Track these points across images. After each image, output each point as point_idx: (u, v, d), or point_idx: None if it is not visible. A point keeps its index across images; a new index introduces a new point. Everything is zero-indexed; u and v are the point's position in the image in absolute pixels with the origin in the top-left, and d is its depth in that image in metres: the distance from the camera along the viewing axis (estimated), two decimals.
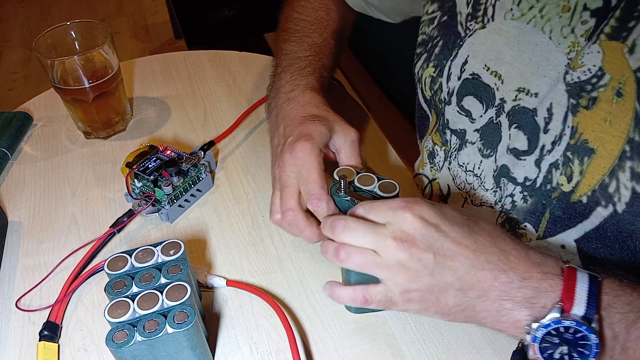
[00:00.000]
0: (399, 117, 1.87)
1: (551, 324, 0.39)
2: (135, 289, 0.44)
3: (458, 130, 0.58)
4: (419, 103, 0.65)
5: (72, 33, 0.72)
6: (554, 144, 0.48)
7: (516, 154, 0.51)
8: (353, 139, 0.54)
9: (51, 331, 0.50)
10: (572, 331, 0.39)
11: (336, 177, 0.50)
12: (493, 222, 0.44)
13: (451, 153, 0.60)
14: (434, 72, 0.59)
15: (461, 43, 0.55)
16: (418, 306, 0.42)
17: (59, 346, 0.50)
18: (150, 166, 0.61)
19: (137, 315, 0.41)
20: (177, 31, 2.50)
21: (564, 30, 0.47)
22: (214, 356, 0.49)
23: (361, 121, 0.74)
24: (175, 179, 0.60)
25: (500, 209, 0.55)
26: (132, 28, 2.65)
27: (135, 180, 0.61)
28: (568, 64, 0.47)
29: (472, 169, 0.57)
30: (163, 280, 0.44)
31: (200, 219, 0.62)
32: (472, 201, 0.58)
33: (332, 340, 0.49)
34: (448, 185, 0.61)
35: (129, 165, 0.62)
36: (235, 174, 0.67)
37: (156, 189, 0.59)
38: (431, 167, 0.64)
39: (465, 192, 0.59)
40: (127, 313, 0.41)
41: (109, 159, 0.70)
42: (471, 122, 0.56)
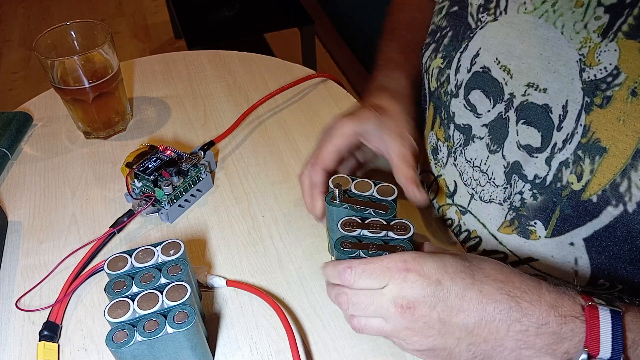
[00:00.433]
0: None
1: None
2: (135, 289, 0.44)
3: (462, 126, 0.57)
4: (424, 95, 0.64)
5: (72, 33, 0.72)
6: (565, 142, 0.48)
7: (529, 150, 0.51)
8: (402, 145, 0.55)
9: (51, 331, 0.50)
10: None
11: (331, 186, 0.50)
12: (499, 262, 0.42)
13: (455, 149, 0.59)
14: (441, 63, 0.58)
15: (472, 35, 0.55)
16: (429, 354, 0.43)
17: (59, 346, 0.50)
18: (150, 166, 0.61)
19: (137, 315, 0.41)
20: (177, 31, 2.50)
21: (576, 25, 0.46)
22: (214, 356, 0.49)
23: None
24: (175, 179, 0.60)
25: (509, 206, 0.55)
26: (132, 28, 2.65)
27: (135, 180, 0.61)
28: (580, 59, 0.46)
29: (479, 164, 0.57)
30: (163, 280, 0.44)
31: (200, 219, 0.62)
32: (481, 197, 0.58)
33: (332, 340, 0.49)
34: (454, 181, 0.61)
35: (129, 165, 0.62)
36: (235, 174, 0.67)
37: (156, 189, 0.59)
38: (435, 164, 0.64)
39: (472, 189, 0.58)
40: (127, 313, 0.41)
41: (109, 159, 0.70)
42: (476, 117, 0.55)
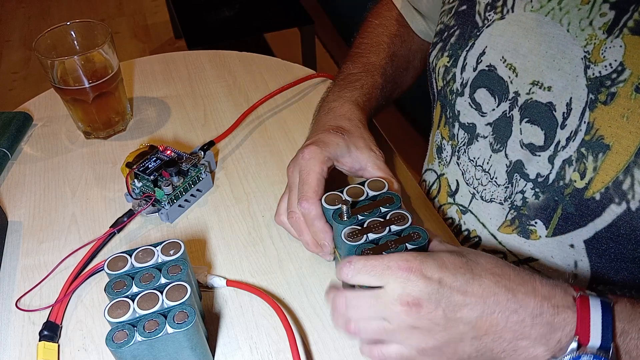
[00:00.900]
0: (398, 117, 1.87)
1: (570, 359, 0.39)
2: (135, 289, 0.44)
3: (467, 124, 0.57)
4: (433, 94, 0.64)
5: (72, 33, 0.72)
6: (568, 139, 0.48)
7: (532, 149, 0.51)
8: (376, 157, 0.55)
9: (51, 331, 0.50)
10: None
11: (326, 205, 0.50)
12: (492, 256, 0.43)
13: (459, 147, 0.59)
14: (448, 62, 0.58)
15: (478, 33, 0.55)
16: (436, 359, 0.42)
17: (59, 346, 0.50)
18: (150, 166, 0.61)
19: (137, 315, 0.41)
20: (177, 31, 2.50)
21: (582, 22, 0.46)
22: (214, 356, 0.49)
23: None
24: (175, 179, 0.60)
25: (510, 205, 0.55)
26: (132, 28, 2.65)
27: (135, 180, 0.61)
28: (585, 57, 0.46)
29: (481, 164, 0.57)
30: (163, 280, 0.44)
31: (200, 219, 0.62)
32: (482, 197, 0.58)
33: (332, 340, 0.49)
34: (457, 180, 0.61)
35: (129, 165, 0.62)
36: (235, 174, 0.67)
37: (156, 189, 0.59)
38: (439, 162, 0.64)
39: (474, 188, 0.58)
40: (127, 313, 0.41)
41: (109, 159, 0.70)
42: (481, 115, 0.55)
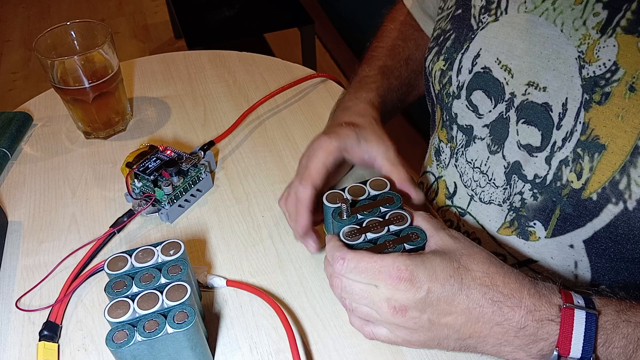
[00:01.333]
0: (399, 117, 1.87)
1: None
2: (135, 289, 0.44)
3: (464, 126, 0.57)
4: (431, 99, 0.65)
5: (72, 33, 0.72)
6: (564, 140, 0.48)
7: (529, 150, 0.51)
8: (386, 149, 0.55)
9: (51, 331, 0.50)
10: None
11: (327, 204, 0.51)
12: (487, 258, 0.44)
13: (457, 150, 0.59)
14: (444, 66, 0.59)
15: (473, 36, 0.55)
16: (421, 348, 0.46)
17: (59, 346, 0.50)
18: (150, 166, 0.61)
19: (137, 315, 0.41)
20: (177, 31, 2.50)
21: (575, 22, 0.47)
22: (214, 356, 0.49)
23: None
24: (175, 179, 0.60)
25: (509, 207, 0.55)
26: (132, 28, 2.65)
27: (135, 180, 0.61)
28: (579, 57, 0.46)
29: (479, 165, 0.57)
30: (163, 280, 0.44)
31: (200, 219, 0.62)
32: (480, 198, 0.58)
33: (332, 340, 0.49)
34: (455, 182, 0.61)
35: (129, 165, 0.62)
36: (235, 174, 0.67)
37: (156, 189, 0.59)
38: (437, 165, 0.64)
39: (472, 190, 0.58)
40: (127, 313, 0.41)
41: (109, 159, 0.70)
42: (478, 117, 0.56)
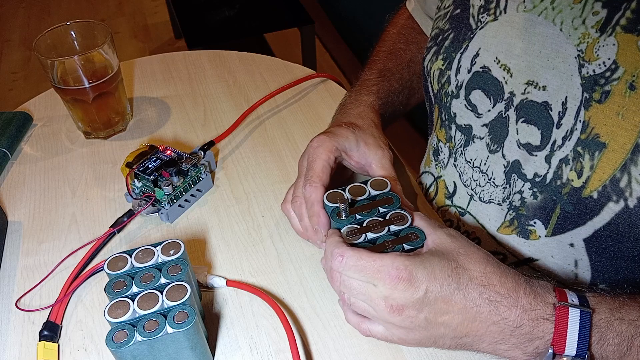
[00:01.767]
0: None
1: None
2: (135, 289, 0.44)
3: (463, 126, 0.57)
4: (429, 98, 0.65)
5: (72, 33, 0.72)
6: (564, 139, 0.48)
7: (529, 149, 0.51)
8: (383, 156, 0.56)
9: (51, 331, 0.50)
10: None
11: (328, 203, 0.51)
12: (485, 257, 0.44)
13: (456, 149, 0.59)
14: (442, 65, 0.59)
15: (472, 35, 0.55)
16: (416, 346, 0.46)
17: (59, 346, 0.50)
18: (150, 166, 0.61)
19: (137, 315, 0.41)
20: (177, 31, 2.50)
21: (574, 21, 0.47)
22: (214, 356, 0.49)
23: None
24: (175, 179, 0.60)
25: (509, 206, 0.55)
26: (132, 28, 2.65)
27: (135, 180, 0.61)
28: (578, 55, 0.46)
29: (478, 165, 0.57)
30: (163, 280, 0.44)
31: (200, 219, 0.62)
32: (480, 198, 0.58)
33: (332, 340, 0.49)
34: (454, 182, 0.61)
35: (129, 165, 0.62)
36: (235, 174, 0.67)
37: (156, 189, 0.59)
38: (436, 165, 0.64)
39: (472, 189, 0.58)
40: (127, 313, 0.41)
41: (109, 159, 0.70)
42: (477, 116, 0.56)
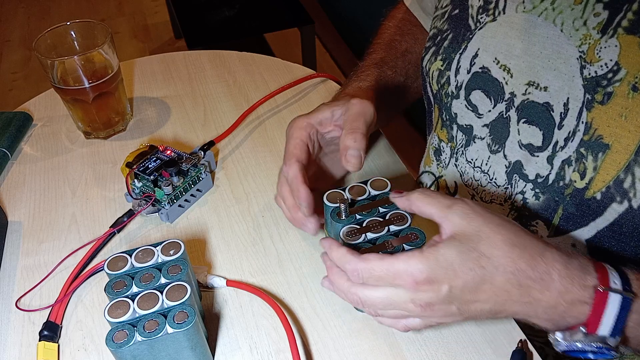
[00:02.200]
0: (399, 117, 1.87)
1: (573, 346, 0.41)
2: (135, 289, 0.44)
3: (464, 126, 0.57)
4: (427, 98, 0.65)
5: (72, 33, 0.72)
6: (567, 140, 0.48)
7: (531, 149, 0.51)
8: (350, 113, 0.53)
9: (51, 331, 0.50)
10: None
11: (328, 203, 0.51)
12: (508, 238, 0.40)
13: (457, 149, 0.59)
14: (441, 66, 0.58)
15: (471, 36, 0.55)
16: (457, 322, 0.45)
17: (59, 346, 0.50)
18: (150, 166, 0.61)
19: (137, 315, 0.41)
20: (177, 31, 2.50)
21: (575, 22, 0.47)
22: (214, 356, 0.49)
23: None
24: (175, 179, 0.60)
25: (511, 206, 0.55)
26: (132, 28, 2.65)
27: (135, 180, 0.61)
28: (580, 57, 0.46)
29: (480, 165, 0.57)
30: (163, 280, 0.44)
31: (200, 219, 0.62)
32: (482, 198, 0.58)
33: (332, 340, 0.49)
34: (455, 182, 0.61)
35: (129, 165, 0.62)
36: (235, 174, 0.67)
37: (156, 189, 0.59)
38: (437, 164, 0.64)
39: (473, 189, 0.58)
40: (127, 313, 0.41)
41: (109, 159, 0.70)
42: (478, 117, 0.56)
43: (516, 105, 0.51)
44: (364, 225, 0.48)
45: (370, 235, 0.47)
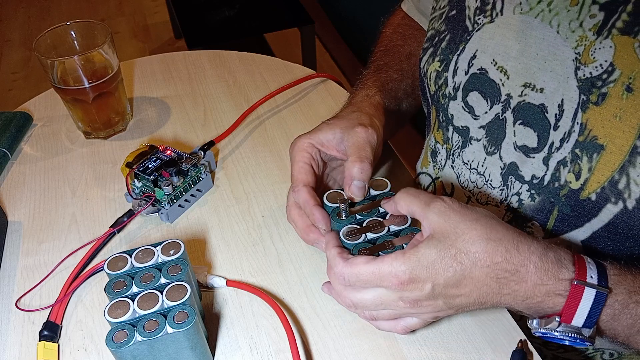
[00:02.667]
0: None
1: (547, 333, 0.42)
2: (135, 289, 0.44)
3: (460, 128, 0.57)
4: (425, 99, 0.65)
5: (72, 33, 0.72)
6: (562, 141, 0.48)
7: (525, 151, 0.51)
8: (355, 135, 0.53)
9: (51, 331, 0.50)
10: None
11: (328, 203, 0.51)
12: (484, 233, 0.42)
13: (453, 151, 0.59)
14: (439, 67, 0.58)
15: (469, 37, 0.55)
16: (450, 315, 0.47)
17: (59, 346, 0.50)
18: (150, 166, 0.61)
19: (137, 315, 0.42)
20: (177, 31, 2.50)
21: (571, 24, 0.47)
22: (214, 356, 0.49)
23: None
24: (175, 179, 0.60)
25: (506, 208, 0.55)
26: (132, 28, 2.65)
27: (135, 180, 0.61)
28: (576, 58, 0.46)
29: (476, 166, 0.57)
30: (163, 280, 0.44)
31: (200, 219, 0.62)
32: (478, 199, 0.58)
33: (332, 340, 0.49)
34: (452, 183, 0.61)
35: (129, 165, 0.62)
36: (235, 174, 0.67)
37: (156, 189, 0.59)
38: (434, 166, 0.64)
39: (469, 191, 0.58)
40: (127, 313, 0.41)
41: (109, 159, 0.70)
42: (474, 118, 0.56)
43: (512, 106, 0.51)
44: (364, 225, 0.48)
45: (370, 235, 0.47)
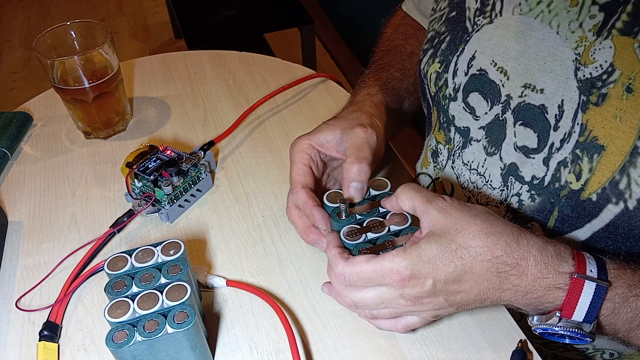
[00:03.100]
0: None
1: (548, 329, 0.42)
2: (135, 289, 0.44)
3: (462, 128, 0.57)
4: (426, 100, 0.65)
5: (72, 33, 0.72)
6: (562, 141, 0.48)
7: (526, 152, 0.51)
8: (354, 135, 0.53)
9: (51, 331, 0.50)
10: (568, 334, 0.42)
11: (328, 203, 0.51)
12: (484, 228, 0.42)
13: (454, 151, 0.59)
14: (439, 68, 0.59)
15: (468, 38, 0.55)
16: (450, 313, 0.47)
17: (59, 346, 0.50)
18: (150, 166, 0.61)
19: (137, 315, 0.42)
20: (177, 31, 2.50)
21: (571, 24, 0.47)
22: (214, 356, 0.49)
23: None
24: (175, 179, 0.60)
25: (506, 208, 0.55)
26: (132, 28, 2.65)
27: (135, 180, 0.61)
28: (576, 59, 0.46)
29: (476, 167, 0.57)
30: (163, 280, 0.44)
31: (200, 219, 0.62)
32: (478, 200, 0.58)
33: (332, 340, 0.49)
34: (452, 184, 0.61)
35: (129, 165, 0.62)
36: (235, 174, 0.67)
37: (156, 189, 0.59)
38: (434, 166, 0.64)
39: (469, 192, 0.58)
40: (127, 313, 0.41)
41: (109, 159, 0.70)
42: (475, 119, 0.56)
43: (512, 107, 0.51)
44: (364, 225, 0.48)
45: (370, 235, 0.47)
